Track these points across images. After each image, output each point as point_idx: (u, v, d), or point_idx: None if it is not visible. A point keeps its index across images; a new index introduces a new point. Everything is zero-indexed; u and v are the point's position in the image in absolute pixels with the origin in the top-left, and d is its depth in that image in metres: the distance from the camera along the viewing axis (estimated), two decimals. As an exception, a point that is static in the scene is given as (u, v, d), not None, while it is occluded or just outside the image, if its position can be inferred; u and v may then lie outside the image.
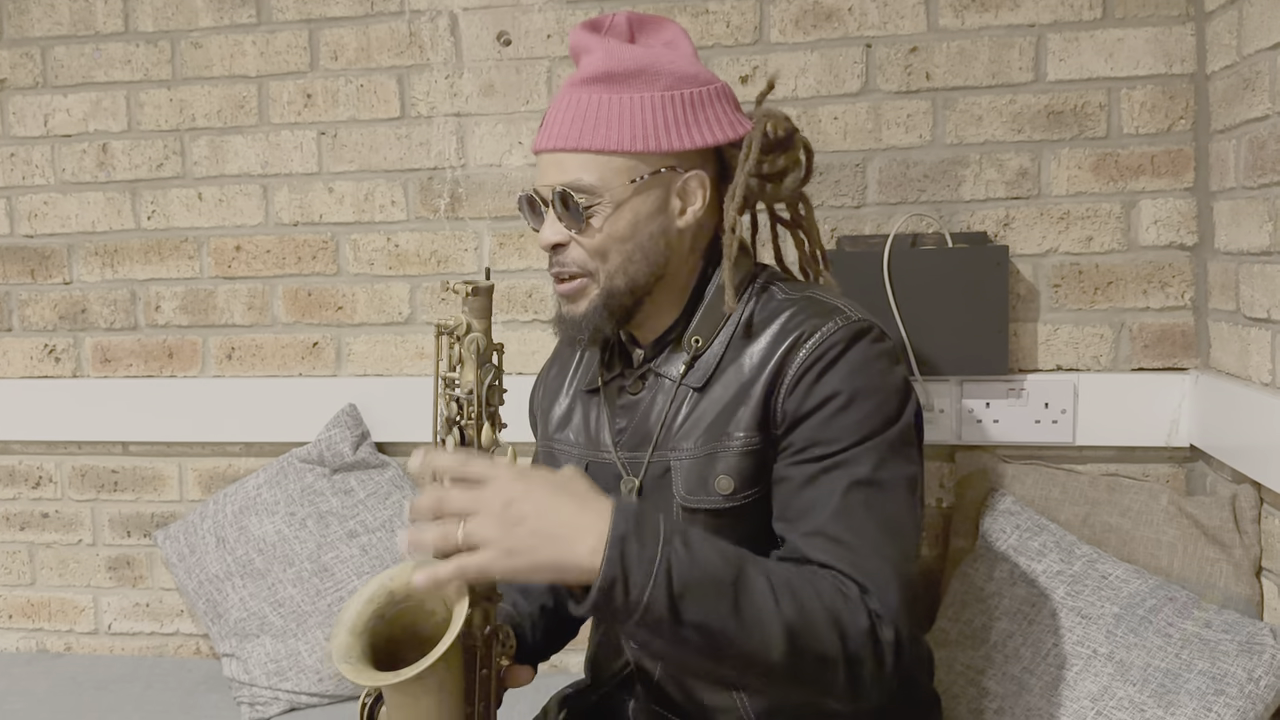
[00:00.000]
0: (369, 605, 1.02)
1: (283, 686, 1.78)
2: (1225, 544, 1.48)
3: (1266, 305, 1.42)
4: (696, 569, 0.93)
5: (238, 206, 1.97)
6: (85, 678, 1.95)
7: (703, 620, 0.93)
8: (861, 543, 1.01)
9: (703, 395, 1.14)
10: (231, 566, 1.86)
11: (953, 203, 1.74)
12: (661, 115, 1.11)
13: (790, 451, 1.08)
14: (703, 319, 1.16)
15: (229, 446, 2.02)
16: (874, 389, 1.07)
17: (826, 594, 0.98)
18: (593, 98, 1.11)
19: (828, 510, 1.03)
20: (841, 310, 1.11)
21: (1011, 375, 1.71)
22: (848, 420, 1.06)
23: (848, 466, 1.04)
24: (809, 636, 0.96)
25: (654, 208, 1.12)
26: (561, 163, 1.12)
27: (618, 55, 1.11)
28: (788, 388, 1.08)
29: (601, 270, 1.12)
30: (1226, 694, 1.30)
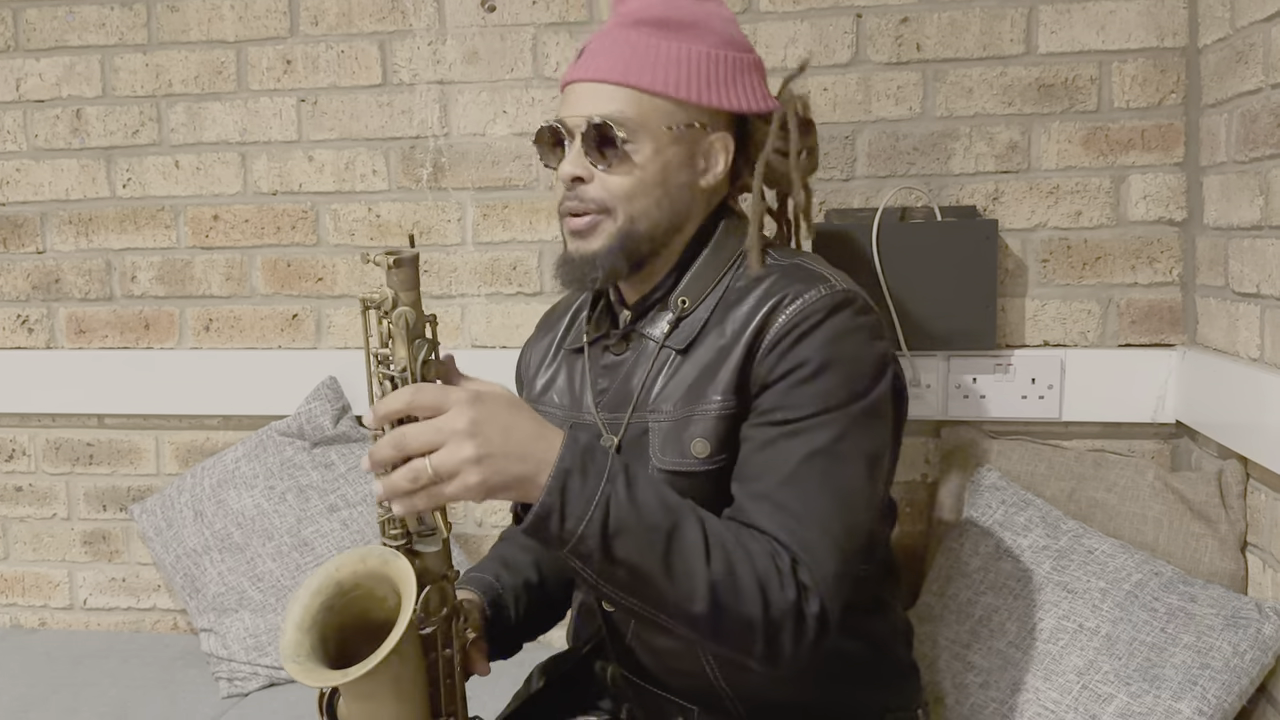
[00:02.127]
0: (316, 598, 0.99)
1: (261, 662, 1.75)
2: (1211, 519, 1.48)
3: (1256, 280, 1.41)
4: (633, 512, 0.95)
5: (215, 175, 1.94)
6: (60, 653, 1.93)
7: (631, 561, 0.95)
8: (806, 512, 1.01)
9: (685, 358, 1.13)
10: (210, 540, 1.83)
11: (942, 176, 1.72)
12: (709, 70, 1.13)
13: (755, 413, 1.08)
14: (691, 281, 1.16)
15: (207, 419, 1.99)
16: (847, 360, 1.07)
17: (759, 560, 0.99)
18: (646, 38, 1.12)
19: (779, 476, 1.03)
20: (827, 279, 1.11)
21: (999, 350, 1.70)
22: (814, 389, 1.05)
23: (807, 435, 1.04)
24: (732, 597, 0.97)
25: (683, 160, 1.14)
26: (603, 94, 1.11)
27: (673, 4, 1.13)
28: (764, 351, 1.08)
29: (622, 210, 1.12)
30: (1211, 668, 1.30)
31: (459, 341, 1.90)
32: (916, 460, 1.77)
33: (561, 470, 0.93)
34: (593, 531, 0.93)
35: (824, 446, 1.04)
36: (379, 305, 0.99)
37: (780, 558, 0.99)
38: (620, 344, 1.18)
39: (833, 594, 1.00)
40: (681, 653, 1.14)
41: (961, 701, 1.39)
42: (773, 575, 0.98)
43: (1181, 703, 1.28)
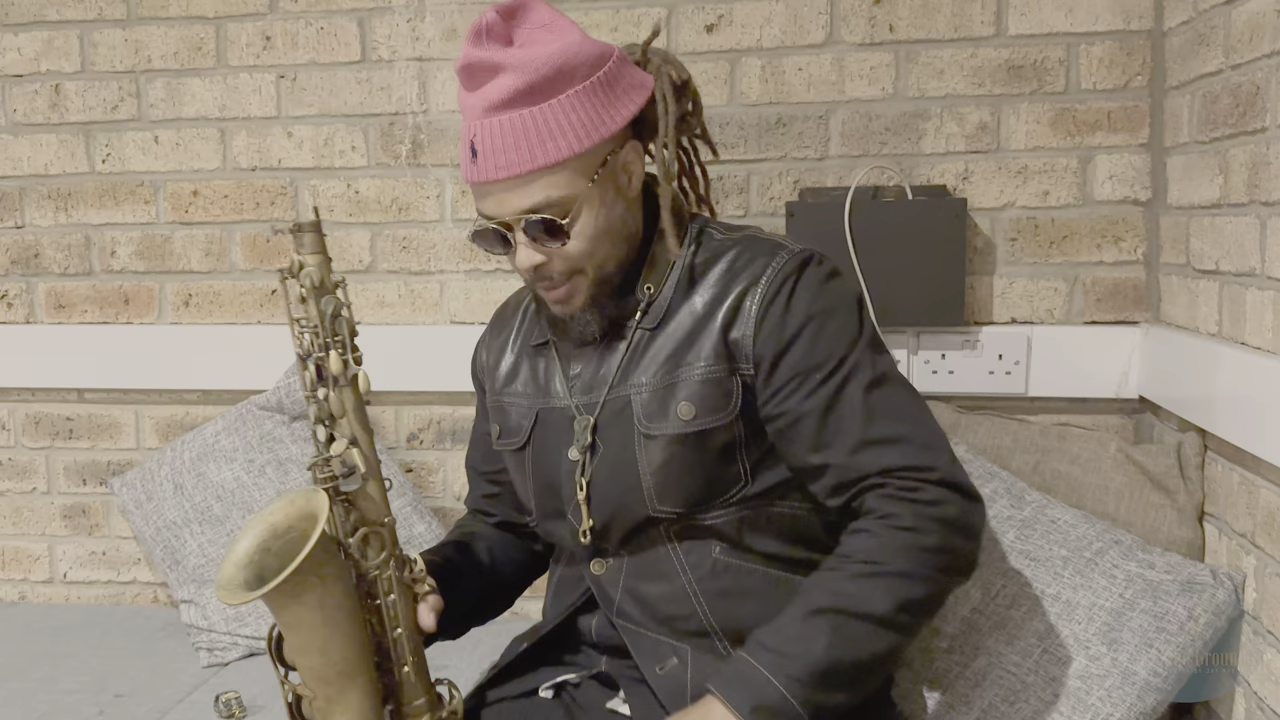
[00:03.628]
0: (253, 540, 1.04)
1: (241, 632, 1.77)
2: (1170, 490, 1.52)
3: (1215, 257, 1.45)
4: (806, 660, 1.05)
5: (195, 150, 1.95)
6: (40, 625, 1.94)
7: (845, 675, 1.06)
8: (901, 430, 1.11)
9: (657, 334, 1.18)
10: (190, 513, 1.85)
11: (913, 156, 1.75)
12: (591, 106, 1.11)
13: (792, 387, 1.13)
14: (650, 266, 1.20)
15: (186, 394, 2.00)
16: (838, 304, 1.15)
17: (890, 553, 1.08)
18: (525, 116, 1.09)
19: (858, 420, 1.11)
20: (783, 244, 1.17)
21: (967, 327, 1.74)
22: (829, 336, 1.12)
23: (853, 377, 1.12)
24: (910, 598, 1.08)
25: (614, 192, 1.15)
26: (522, 189, 1.11)
27: (529, 68, 1.09)
28: (754, 323, 1.13)
29: (589, 265, 1.14)
30: (1167, 631, 1.34)
31: (438, 317, 1.92)
32: (887, 435, 1.80)
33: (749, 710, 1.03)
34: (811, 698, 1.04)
35: (871, 377, 1.12)
36: (289, 270, 1.07)
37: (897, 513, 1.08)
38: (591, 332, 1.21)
39: (957, 472, 1.11)
40: (672, 598, 1.18)
41: (926, 666, 1.42)
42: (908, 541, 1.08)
43: (1137, 664, 1.32)
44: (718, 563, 1.16)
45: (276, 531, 1.05)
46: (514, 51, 1.11)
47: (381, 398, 1.95)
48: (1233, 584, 1.36)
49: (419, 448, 1.96)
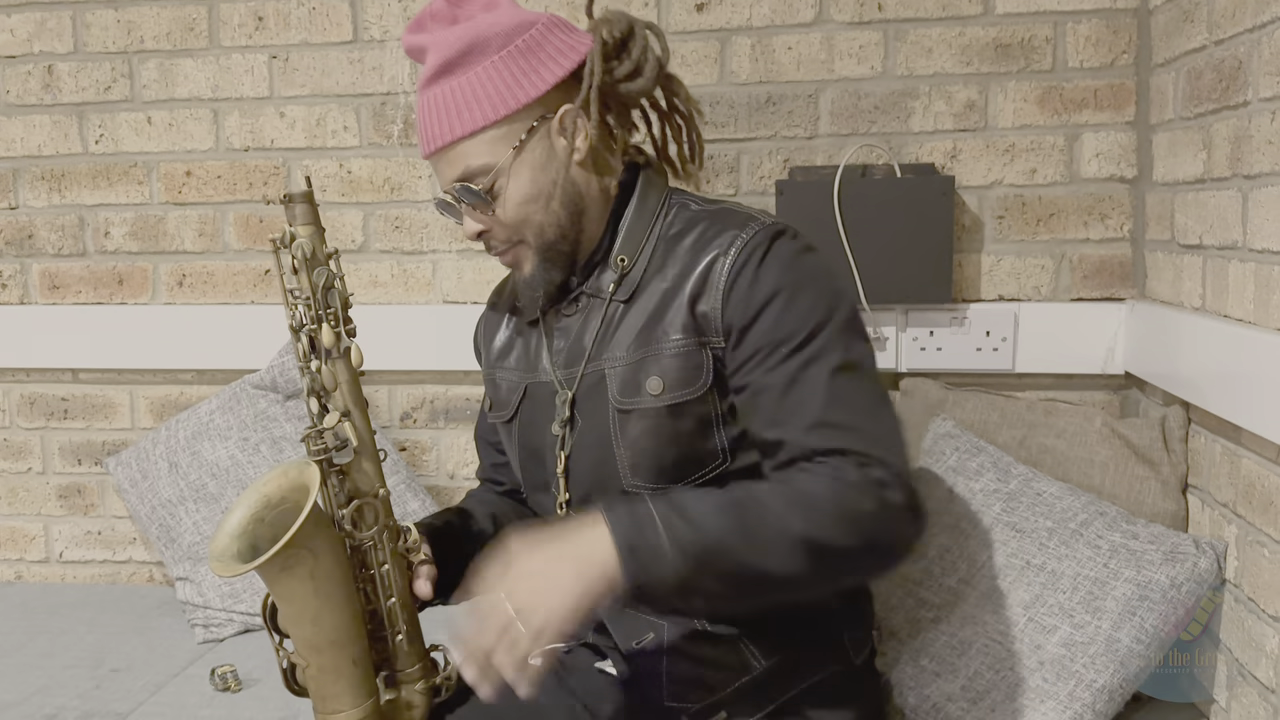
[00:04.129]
0: (247, 510, 1.05)
1: (237, 608, 1.79)
2: (1154, 462, 1.54)
3: (1199, 232, 1.47)
4: (700, 534, 1.00)
5: (188, 131, 1.95)
6: (36, 604, 1.95)
7: (731, 571, 1.01)
8: (859, 420, 1.08)
9: (630, 307, 1.18)
10: (184, 491, 1.86)
11: (902, 134, 1.76)
12: (507, 74, 1.13)
13: (758, 359, 1.11)
14: (626, 238, 1.20)
15: (181, 374, 2.01)
16: (810, 278, 1.13)
17: (827, 491, 1.03)
18: (445, 89, 1.14)
19: (820, 400, 1.08)
20: (755, 217, 1.16)
21: (955, 304, 1.76)
22: (798, 310, 1.10)
23: (821, 357, 1.09)
24: (825, 540, 1.02)
25: (544, 158, 1.15)
26: (448, 159, 1.15)
27: (444, 44, 1.13)
28: (722, 295, 1.12)
29: (528, 232, 1.16)
30: (1150, 599, 1.36)
31: (430, 297, 1.93)
32: (876, 411, 1.82)
33: (626, 547, 0.97)
34: (687, 572, 0.98)
35: (841, 361, 1.09)
36: (281, 239, 1.07)
37: (844, 471, 1.04)
38: (571, 305, 1.22)
39: (909, 479, 1.06)
40: None
41: (914, 635, 1.44)
42: (847, 494, 1.03)
43: (1121, 632, 1.34)
44: None
45: (270, 502, 1.06)
46: (440, 32, 1.15)
47: (375, 377, 1.96)
48: (1215, 553, 1.38)
49: (412, 426, 1.97)
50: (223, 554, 1.03)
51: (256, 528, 1.05)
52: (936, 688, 1.39)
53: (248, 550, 1.04)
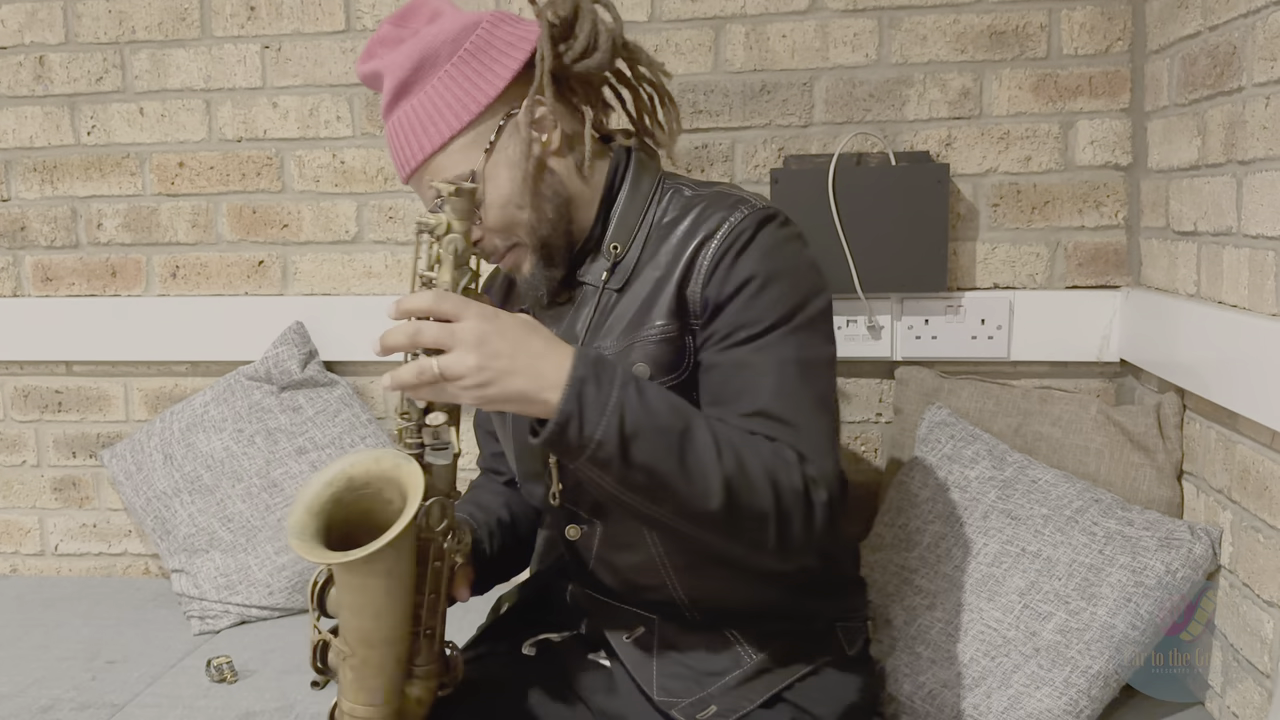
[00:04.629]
0: (328, 488, 1.03)
1: (233, 600, 1.79)
2: (1149, 449, 1.54)
3: (1193, 218, 1.47)
4: (647, 415, 0.99)
5: (180, 122, 1.95)
6: (32, 597, 1.95)
7: (648, 463, 0.99)
8: (799, 418, 1.07)
9: (622, 295, 1.18)
10: (180, 483, 1.85)
11: (897, 122, 1.76)
12: (463, 80, 1.13)
13: (716, 338, 1.12)
14: (619, 225, 1.20)
15: (175, 366, 2.01)
16: (788, 269, 1.12)
17: (765, 455, 1.03)
18: (405, 113, 1.14)
19: (764, 390, 1.08)
20: (748, 200, 1.15)
21: (950, 293, 1.75)
22: (767, 300, 1.10)
23: (775, 348, 1.09)
24: (746, 491, 1.01)
25: (518, 155, 1.15)
26: (425, 180, 1.15)
27: (395, 66, 1.14)
28: (704, 276, 1.12)
29: (520, 232, 1.16)
30: (1145, 585, 1.36)
31: (425, 287, 1.92)
32: (870, 400, 1.82)
33: (576, 379, 0.98)
34: (611, 436, 0.97)
35: (795, 356, 1.09)
36: (432, 229, 1.04)
37: (786, 453, 1.05)
38: (563, 293, 1.22)
39: (836, 487, 1.06)
40: (642, 568, 1.19)
41: (909, 623, 1.45)
42: (780, 467, 1.03)
43: (1116, 618, 1.35)
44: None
45: (353, 484, 1.04)
46: (389, 57, 1.15)
47: (370, 368, 1.96)
48: (1210, 539, 1.38)
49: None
50: (302, 531, 0.99)
51: (334, 508, 1.02)
52: (932, 675, 1.39)
53: (321, 530, 1.01)
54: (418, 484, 1.00)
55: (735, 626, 1.19)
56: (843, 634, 1.24)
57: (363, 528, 1.03)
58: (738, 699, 1.15)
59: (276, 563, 1.79)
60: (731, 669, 1.17)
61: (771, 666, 1.17)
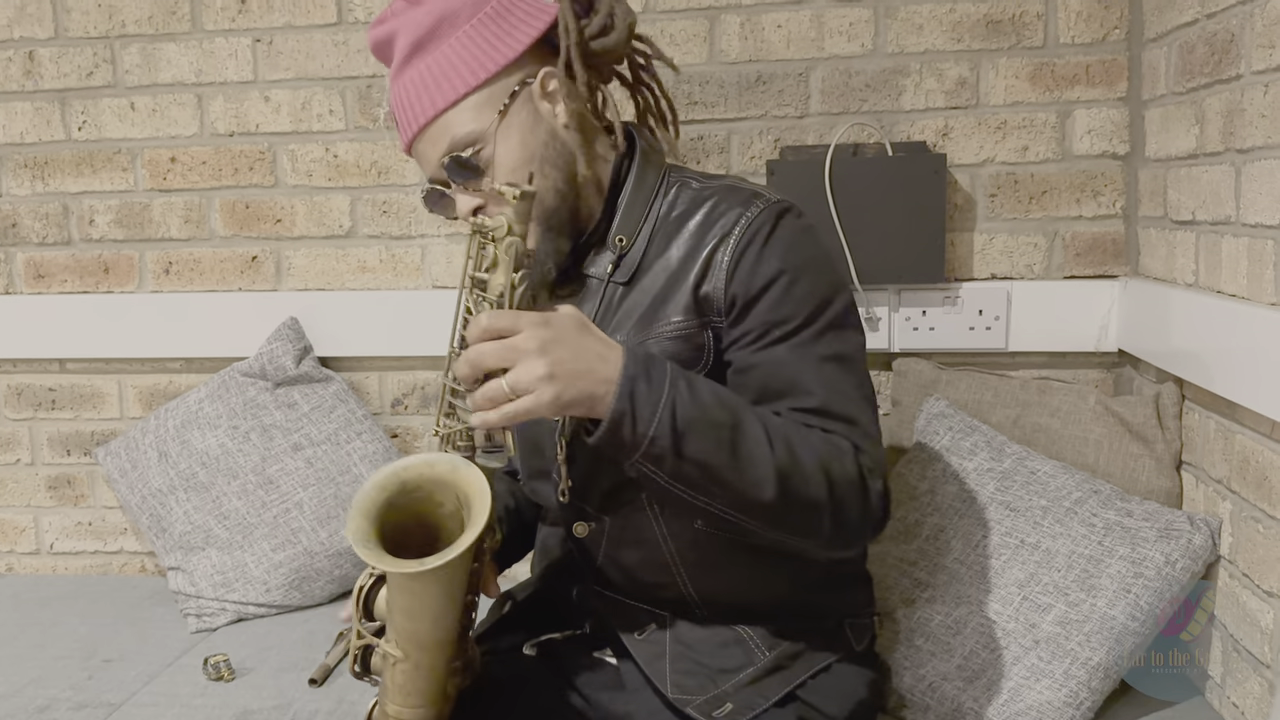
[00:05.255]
0: (381, 492, 1.02)
1: (229, 598, 1.78)
2: (1148, 440, 1.54)
3: (1192, 207, 1.46)
4: (698, 409, 0.99)
5: (171, 116, 1.93)
6: (28, 596, 1.94)
7: (701, 458, 0.99)
8: (848, 411, 1.08)
9: (631, 289, 1.17)
10: (175, 480, 1.85)
11: (893, 112, 1.75)
12: (482, 40, 1.12)
13: (750, 338, 1.11)
14: (624, 217, 1.18)
15: (169, 362, 2.00)
16: (812, 262, 1.13)
17: (818, 445, 1.04)
18: (419, 69, 1.13)
19: (810, 388, 1.08)
20: (761, 194, 1.15)
21: (948, 284, 1.75)
22: (797, 295, 1.10)
23: (813, 344, 1.10)
24: (799, 481, 1.02)
25: (531, 120, 1.14)
26: (432, 137, 1.13)
27: (413, 25, 1.12)
28: (727, 273, 1.11)
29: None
30: (1145, 576, 1.35)
31: (420, 282, 1.92)
32: (869, 392, 1.81)
33: (628, 378, 0.97)
34: (663, 432, 0.97)
35: (833, 350, 1.10)
36: (489, 232, 1.03)
37: (840, 442, 1.06)
38: (566, 288, 1.21)
39: (885, 475, 1.08)
40: (651, 566, 1.18)
41: (909, 615, 1.44)
42: (834, 456, 1.04)
43: (1116, 609, 1.34)
44: (699, 533, 1.15)
45: (406, 488, 1.03)
46: (406, 14, 1.13)
47: (365, 363, 1.95)
48: (1209, 529, 1.38)
49: (404, 413, 1.96)
50: (364, 537, 0.98)
51: (386, 512, 1.01)
52: (932, 667, 1.39)
53: (377, 534, 1.00)
54: (484, 490, 0.99)
55: (746, 624, 1.18)
56: (851, 631, 1.24)
57: (414, 531, 1.03)
58: (753, 696, 1.14)
59: (273, 560, 1.78)
60: (745, 666, 1.16)
61: (784, 664, 1.17)
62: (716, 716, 1.12)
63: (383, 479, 1.02)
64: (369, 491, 1.01)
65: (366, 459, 1.84)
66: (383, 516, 1.01)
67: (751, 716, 1.12)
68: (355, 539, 0.98)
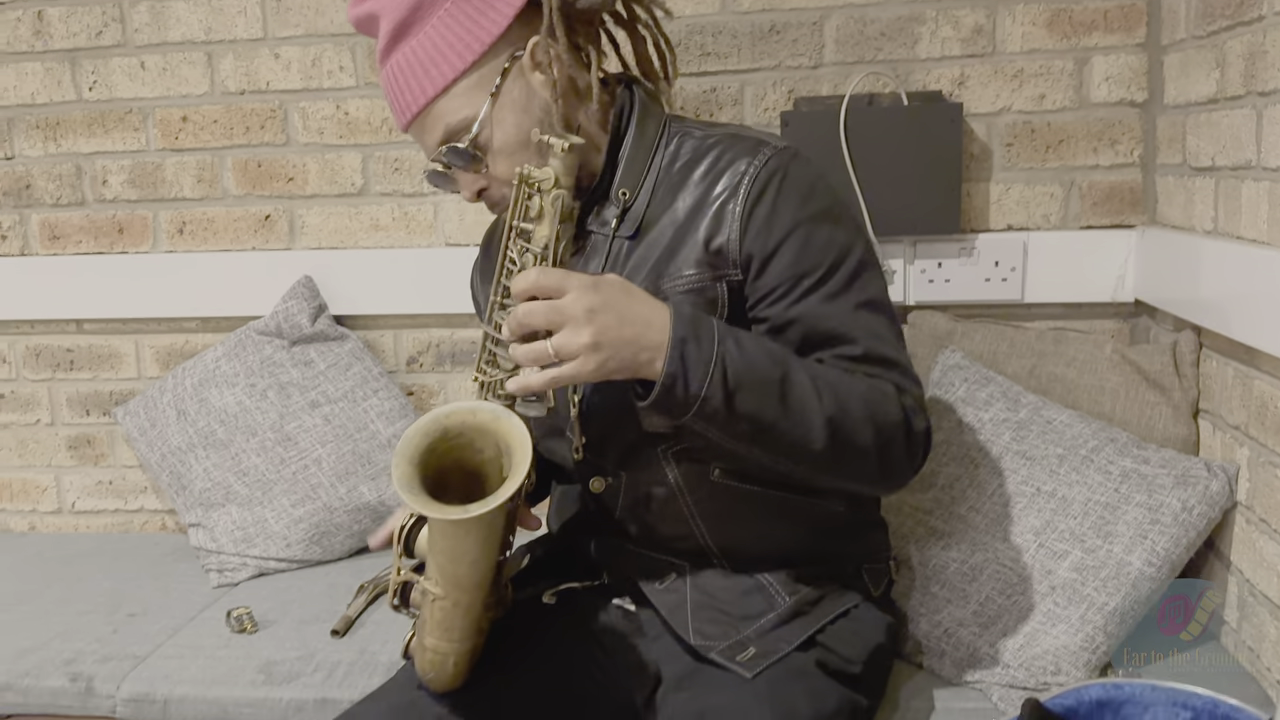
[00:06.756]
0: (425, 439, 1.04)
1: (250, 553, 1.80)
2: (1165, 388, 1.53)
3: (1211, 153, 1.44)
4: (748, 366, 1.01)
5: (182, 75, 1.92)
6: (51, 554, 1.97)
7: (753, 412, 1.02)
8: (887, 353, 1.11)
9: (638, 243, 1.16)
10: (194, 438, 1.86)
11: (909, 61, 1.73)
12: (464, 19, 1.10)
13: (778, 294, 1.11)
14: (626, 171, 1.18)
15: (185, 322, 2.00)
16: (828, 207, 1.13)
17: (863, 391, 1.07)
18: (403, 56, 1.11)
19: (849, 334, 1.10)
20: (766, 141, 1.14)
21: (963, 235, 1.74)
22: (818, 243, 1.10)
23: (844, 291, 1.11)
24: (847, 428, 1.05)
25: (524, 97, 1.12)
26: (426, 125, 1.13)
27: (391, 7, 1.10)
28: (739, 225, 1.11)
29: None
30: (1161, 523, 1.36)
31: (433, 240, 1.92)
32: (884, 344, 1.81)
33: (678, 340, 0.99)
34: (715, 391, 0.99)
35: (864, 296, 1.12)
36: (537, 183, 1.03)
37: (884, 386, 1.09)
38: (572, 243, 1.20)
39: (926, 414, 1.12)
40: (669, 518, 1.19)
41: (925, 563, 1.45)
42: (879, 400, 1.07)
43: (1132, 555, 1.35)
44: (716, 485, 1.16)
45: (448, 435, 1.05)
46: None
47: (379, 321, 1.95)
48: (1226, 476, 1.38)
49: (419, 371, 1.97)
50: (409, 483, 1.00)
51: (428, 457, 1.03)
52: (948, 613, 1.39)
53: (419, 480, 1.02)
54: (525, 439, 1.01)
55: (766, 572, 1.19)
56: (868, 576, 1.25)
57: (454, 475, 1.05)
58: (774, 641, 1.16)
59: (293, 515, 1.80)
60: (766, 612, 1.17)
61: (803, 610, 1.18)
62: (740, 660, 1.13)
63: (426, 424, 1.04)
64: (412, 437, 1.03)
65: (383, 416, 1.85)
66: (425, 461, 1.03)
67: (773, 660, 1.14)
68: (401, 485, 0.99)
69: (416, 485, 1.01)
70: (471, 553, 1.06)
